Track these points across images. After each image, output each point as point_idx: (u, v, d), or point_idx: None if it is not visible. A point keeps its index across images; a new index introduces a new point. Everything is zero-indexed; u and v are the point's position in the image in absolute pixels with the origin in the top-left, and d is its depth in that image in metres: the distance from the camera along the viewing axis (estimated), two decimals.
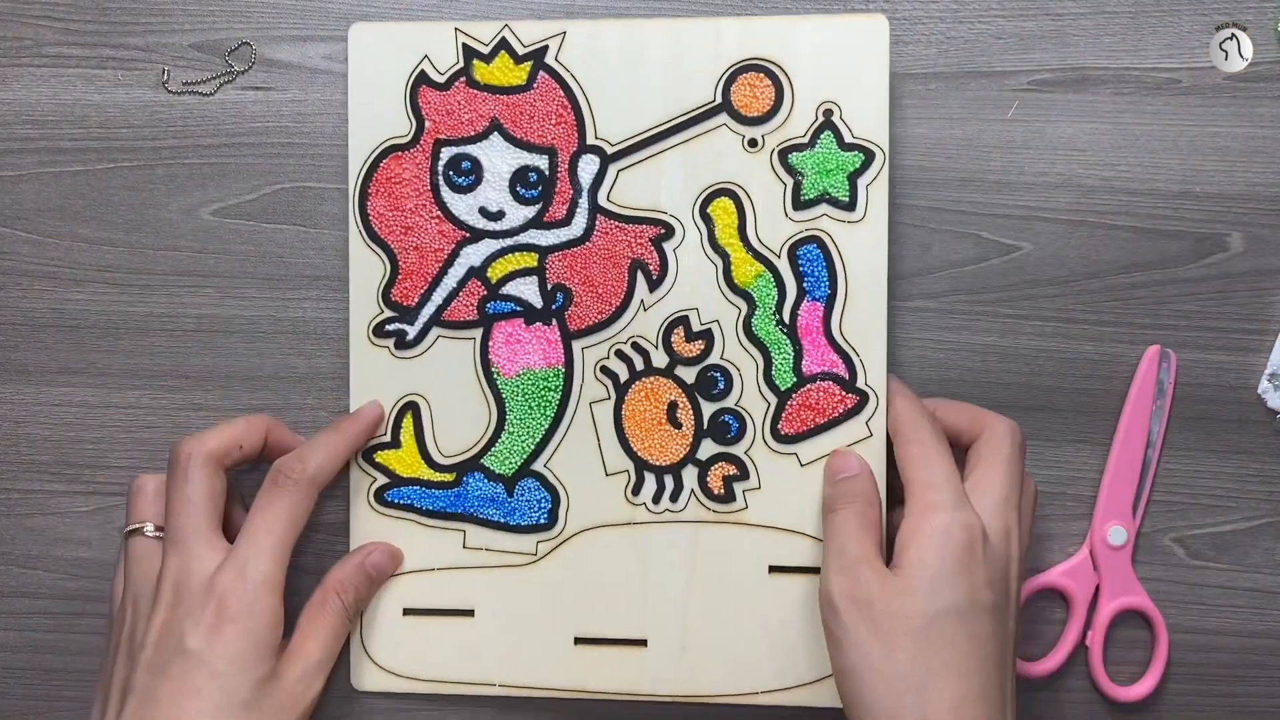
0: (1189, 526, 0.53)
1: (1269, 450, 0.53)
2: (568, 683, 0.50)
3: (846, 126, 0.49)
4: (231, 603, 0.45)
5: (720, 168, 0.50)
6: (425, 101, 0.50)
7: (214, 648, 0.44)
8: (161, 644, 0.45)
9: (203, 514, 0.46)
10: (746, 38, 0.49)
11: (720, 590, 0.50)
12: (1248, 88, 0.52)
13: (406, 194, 0.50)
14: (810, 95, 0.49)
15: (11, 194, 0.52)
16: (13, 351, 0.52)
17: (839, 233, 0.49)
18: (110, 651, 0.47)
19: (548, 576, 0.50)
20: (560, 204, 0.50)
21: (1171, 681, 0.53)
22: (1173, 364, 0.52)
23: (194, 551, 0.46)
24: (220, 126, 0.52)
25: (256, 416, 0.49)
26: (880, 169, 0.49)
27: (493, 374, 0.50)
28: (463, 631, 0.50)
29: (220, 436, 0.48)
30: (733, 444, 0.50)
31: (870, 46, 0.49)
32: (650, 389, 0.50)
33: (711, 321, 0.50)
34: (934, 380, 0.52)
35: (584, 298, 0.50)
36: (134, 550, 0.48)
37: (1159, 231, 0.52)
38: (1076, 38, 0.52)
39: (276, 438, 0.50)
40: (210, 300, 0.52)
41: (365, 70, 0.50)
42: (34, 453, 0.52)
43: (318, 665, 0.47)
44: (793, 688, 0.50)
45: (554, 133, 0.50)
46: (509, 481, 0.51)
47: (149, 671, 0.45)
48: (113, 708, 0.45)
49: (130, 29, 0.52)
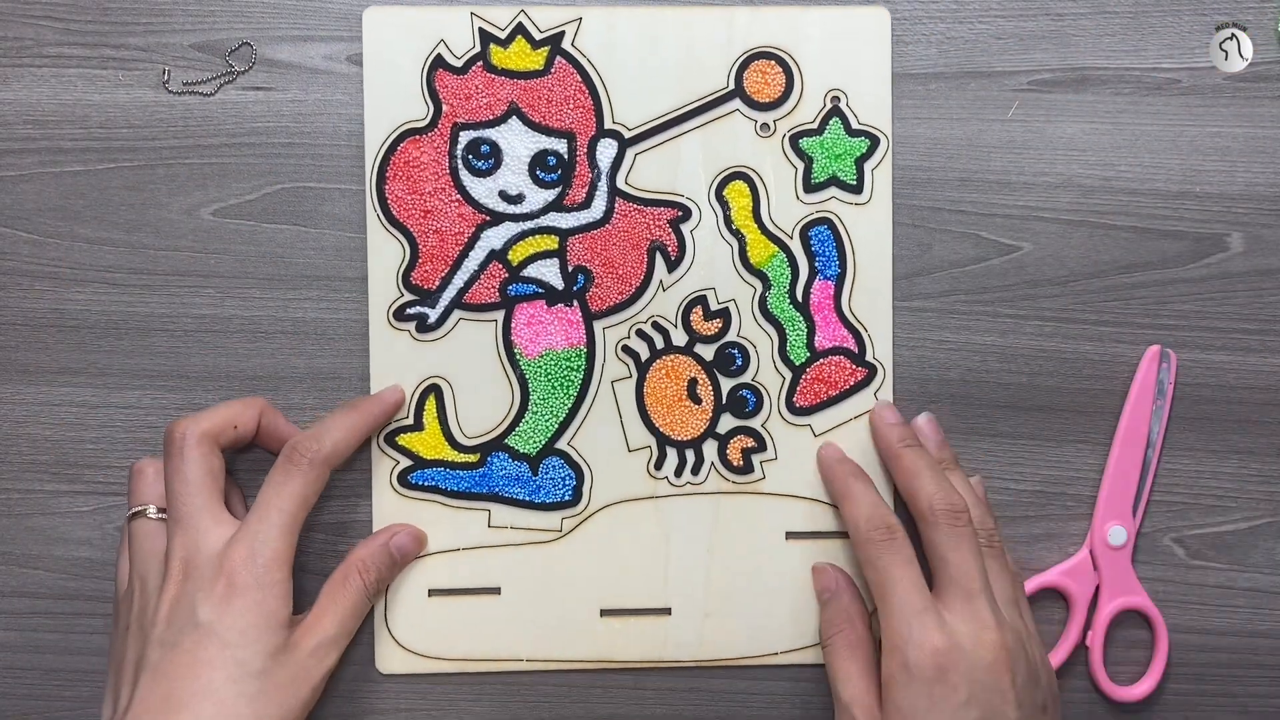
0: (1189, 526, 0.53)
1: (1269, 450, 0.53)
2: (594, 654, 0.52)
3: (853, 113, 0.52)
4: (241, 576, 0.45)
5: (735, 151, 0.51)
6: (442, 85, 0.51)
7: (224, 619, 0.45)
8: (172, 618, 0.45)
9: (204, 491, 0.47)
10: (757, 26, 0.51)
11: (740, 557, 0.52)
12: (1248, 88, 0.52)
13: (425, 177, 0.51)
14: (818, 83, 0.52)
15: (12, 194, 0.52)
16: (13, 351, 0.52)
17: (847, 214, 0.52)
18: (119, 633, 0.47)
19: (573, 552, 0.51)
20: (580, 187, 0.51)
21: (1171, 681, 0.53)
22: (1173, 364, 0.52)
23: (200, 527, 0.46)
24: (221, 126, 0.52)
25: (251, 398, 0.50)
26: (884, 154, 0.52)
27: (515, 355, 0.51)
28: (489, 609, 0.51)
29: (214, 417, 0.48)
30: (750, 417, 0.52)
31: (873, 37, 0.52)
32: (670, 366, 0.52)
33: (728, 300, 0.52)
34: (934, 380, 0.52)
35: (604, 279, 0.52)
36: (138, 532, 0.48)
37: (1159, 231, 0.52)
38: (1076, 38, 0.52)
39: (270, 421, 0.50)
40: (210, 300, 0.52)
41: (380, 54, 0.51)
42: (34, 453, 0.52)
43: (332, 640, 0.47)
44: (810, 646, 0.52)
45: (572, 117, 0.51)
46: (533, 460, 0.51)
47: (161, 646, 0.45)
48: (125, 686, 0.45)
49: (131, 29, 0.52)
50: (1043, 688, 0.46)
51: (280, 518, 0.46)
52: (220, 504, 0.47)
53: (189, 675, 0.44)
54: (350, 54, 0.52)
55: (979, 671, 0.44)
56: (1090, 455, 0.53)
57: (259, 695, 0.45)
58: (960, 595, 0.46)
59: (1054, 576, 0.52)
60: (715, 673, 0.52)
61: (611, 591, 0.52)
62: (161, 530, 0.48)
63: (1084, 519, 0.53)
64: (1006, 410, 0.53)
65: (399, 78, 0.51)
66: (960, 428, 0.52)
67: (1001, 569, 0.48)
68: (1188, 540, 0.53)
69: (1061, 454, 0.53)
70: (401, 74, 0.51)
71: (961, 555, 0.46)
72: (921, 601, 0.45)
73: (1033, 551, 0.53)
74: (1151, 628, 0.53)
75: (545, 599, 0.51)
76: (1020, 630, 0.47)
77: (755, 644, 0.52)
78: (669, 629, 0.52)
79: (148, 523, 0.48)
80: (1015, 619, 0.47)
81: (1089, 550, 0.53)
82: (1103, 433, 0.53)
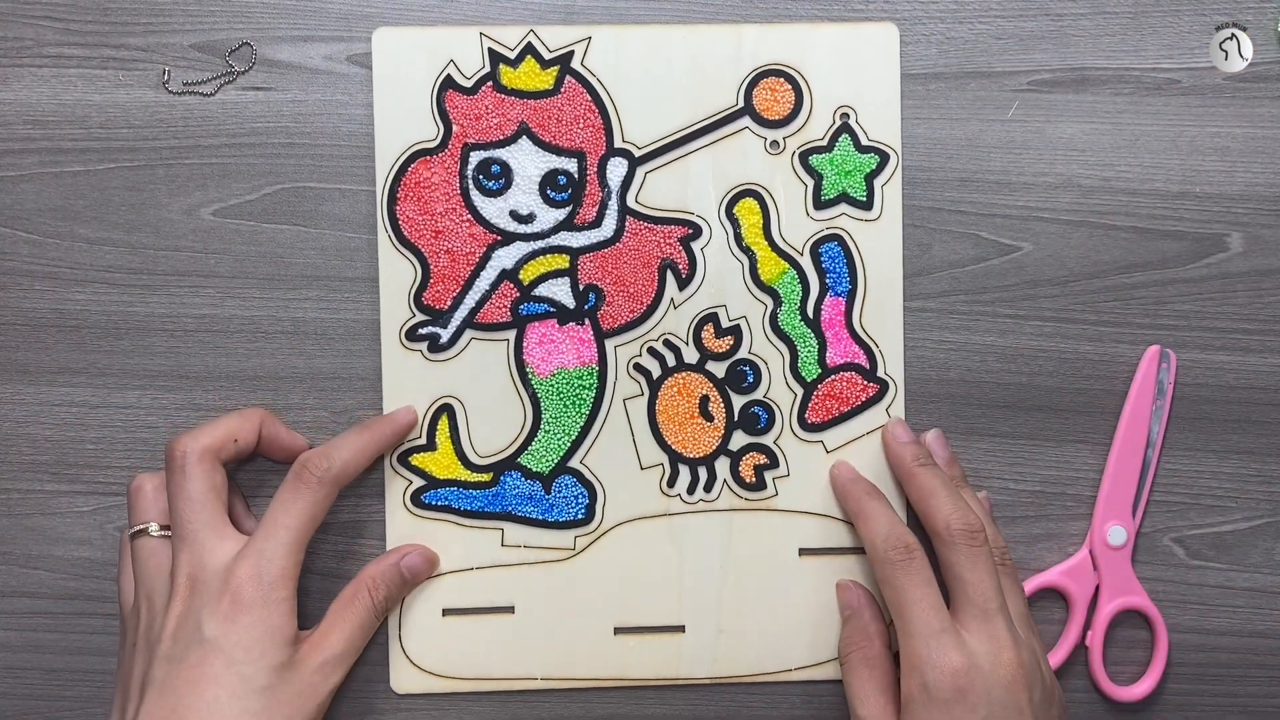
0: (1189, 526, 0.53)
1: (1269, 450, 0.53)
2: (608, 672, 0.52)
3: (862, 130, 0.52)
4: (247, 593, 0.45)
5: (744, 169, 0.52)
6: (452, 105, 0.51)
7: (230, 635, 0.45)
8: (178, 634, 0.45)
9: (207, 508, 0.47)
10: (766, 44, 0.51)
11: (754, 574, 0.52)
12: (1248, 88, 0.52)
13: (436, 198, 0.51)
14: (827, 99, 0.52)
15: (12, 194, 0.52)
16: (13, 351, 0.52)
17: (857, 230, 0.52)
18: (126, 651, 0.47)
19: (587, 570, 0.51)
20: (590, 206, 0.51)
21: (1171, 681, 0.53)
22: (1173, 364, 0.52)
23: (205, 545, 0.46)
24: (220, 126, 0.52)
25: (250, 409, 0.50)
26: (894, 170, 0.52)
27: (527, 374, 0.51)
28: (503, 628, 0.51)
29: (214, 432, 0.48)
30: (763, 434, 0.52)
31: (882, 53, 0.52)
32: (682, 384, 0.52)
33: (740, 318, 0.52)
34: (934, 380, 0.52)
35: (616, 297, 0.52)
36: (141, 551, 0.48)
37: (1159, 231, 0.52)
38: (1076, 38, 0.52)
39: (270, 431, 0.50)
40: (210, 300, 0.52)
41: (390, 74, 0.51)
42: (34, 453, 0.52)
43: (338, 658, 0.47)
44: (825, 662, 0.52)
45: (582, 136, 0.51)
46: (546, 479, 0.52)
47: (167, 662, 0.45)
48: (132, 703, 0.45)
49: (131, 29, 0.52)
50: (1056, 703, 0.47)
51: (287, 535, 0.46)
52: (224, 519, 0.47)
53: (194, 691, 0.44)
54: (350, 54, 0.52)
55: (997, 691, 0.44)
56: (1090, 455, 0.53)
57: (263, 711, 0.44)
58: (978, 615, 0.46)
59: (1054, 576, 0.52)
60: (729, 690, 0.52)
61: (625, 609, 0.52)
62: (165, 547, 0.48)
63: (1084, 519, 0.53)
64: (1006, 410, 0.53)
65: (409, 98, 0.51)
66: (960, 428, 0.52)
67: (1013, 586, 0.49)
68: (1187, 540, 0.53)
69: (1061, 454, 0.53)
70: (411, 94, 0.51)
71: (979, 575, 0.46)
72: (940, 622, 0.45)
73: (1033, 551, 0.53)
74: (1151, 628, 0.53)
75: (559, 617, 0.51)
76: (1035, 648, 0.47)
77: (769, 661, 0.52)
78: (683, 646, 0.52)
79: (150, 540, 0.48)
80: (1029, 636, 0.47)
81: (1089, 550, 0.53)
82: (1103, 433, 0.53)
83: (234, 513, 0.50)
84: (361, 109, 0.52)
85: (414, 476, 0.51)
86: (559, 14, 0.52)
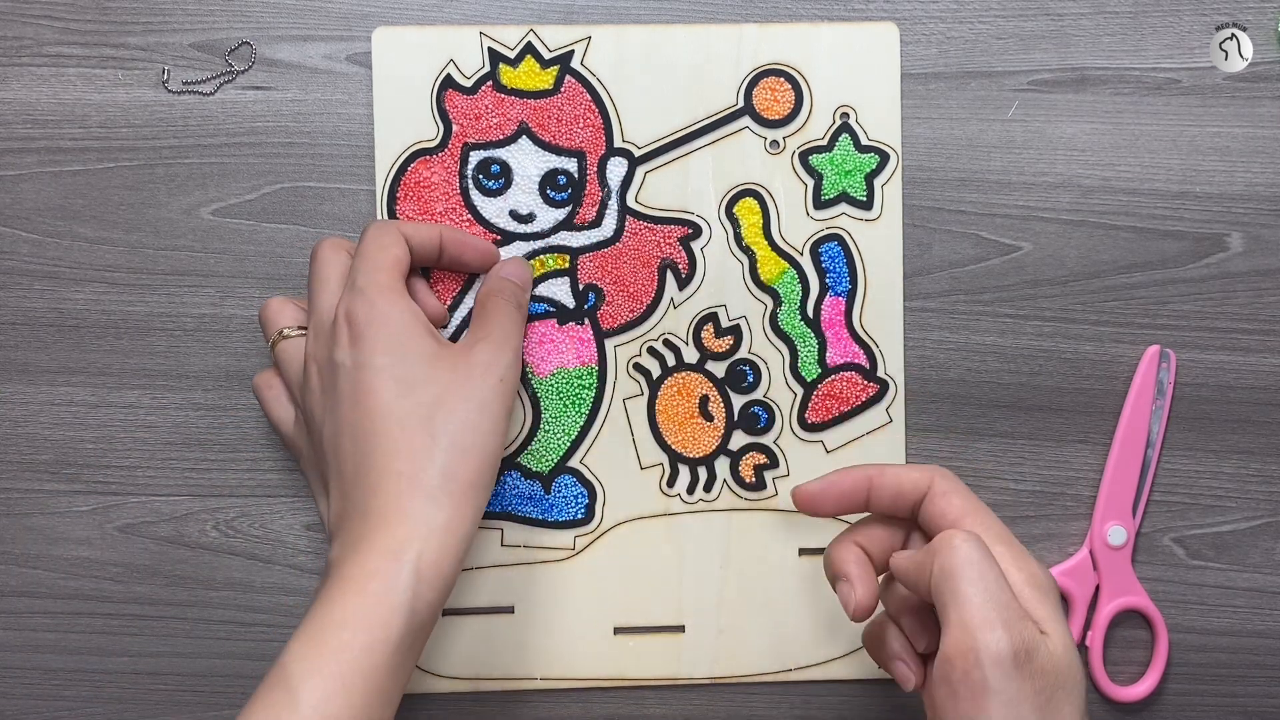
0: (1189, 526, 0.53)
1: (1269, 450, 0.53)
2: (609, 672, 0.52)
3: (862, 129, 0.52)
4: (373, 303, 0.45)
5: (744, 169, 0.51)
6: (452, 105, 0.51)
7: (369, 342, 0.44)
8: (326, 379, 0.45)
9: (384, 269, 0.46)
10: (766, 44, 0.51)
11: (753, 574, 0.52)
12: (1248, 88, 0.52)
13: (436, 197, 0.51)
14: (827, 99, 0.52)
15: (11, 194, 0.52)
16: (13, 351, 0.52)
17: (857, 230, 0.52)
18: (305, 459, 0.47)
19: (587, 570, 0.51)
20: (590, 206, 0.51)
21: (1171, 681, 0.53)
22: (1172, 364, 0.52)
23: (369, 295, 0.45)
24: (220, 126, 0.52)
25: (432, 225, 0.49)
26: (894, 170, 0.51)
27: (527, 373, 0.51)
28: (503, 628, 0.51)
29: (413, 231, 0.48)
30: (762, 434, 0.52)
31: (882, 52, 0.51)
32: (682, 384, 0.52)
33: (739, 317, 0.52)
34: (934, 380, 0.52)
35: (615, 297, 0.52)
36: (284, 355, 0.48)
37: (1159, 231, 0.52)
38: (1076, 38, 0.52)
39: (453, 250, 0.49)
40: (210, 300, 0.52)
41: (390, 74, 0.51)
42: (34, 453, 0.52)
43: (498, 342, 0.46)
44: (825, 662, 0.52)
45: (582, 136, 0.51)
46: (545, 479, 0.51)
47: (332, 412, 0.45)
48: (331, 479, 0.45)
49: (130, 29, 0.52)
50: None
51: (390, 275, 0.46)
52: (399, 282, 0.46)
53: (364, 413, 0.43)
54: (350, 54, 0.52)
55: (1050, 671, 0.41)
56: (1090, 455, 0.53)
57: (432, 401, 0.44)
58: None
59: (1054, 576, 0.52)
60: (729, 690, 0.52)
61: (625, 609, 0.52)
62: (302, 344, 0.47)
63: (1084, 519, 0.53)
64: (1006, 410, 0.53)
65: (409, 98, 0.51)
66: (960, 428, 0.52)
67: None
68: (1187, 540, 0.53)
69: (1061, 454, 0.53)
70: (411, 94, 0.51)
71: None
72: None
73: (1033, 551, 0.52)
74: (1151, 628, 0.53)
75: (558, 617, 0.51)
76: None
77: (769, 660, 0.52)
78: (683, 646, 0.52)
79: (292, 342, 0.48)
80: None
81: (1089, 550, 0.53)
82: (1102, 433, 0.53)
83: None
84: (361, 109, 0.52)
85: None
86: (559, 14, 0.52)
